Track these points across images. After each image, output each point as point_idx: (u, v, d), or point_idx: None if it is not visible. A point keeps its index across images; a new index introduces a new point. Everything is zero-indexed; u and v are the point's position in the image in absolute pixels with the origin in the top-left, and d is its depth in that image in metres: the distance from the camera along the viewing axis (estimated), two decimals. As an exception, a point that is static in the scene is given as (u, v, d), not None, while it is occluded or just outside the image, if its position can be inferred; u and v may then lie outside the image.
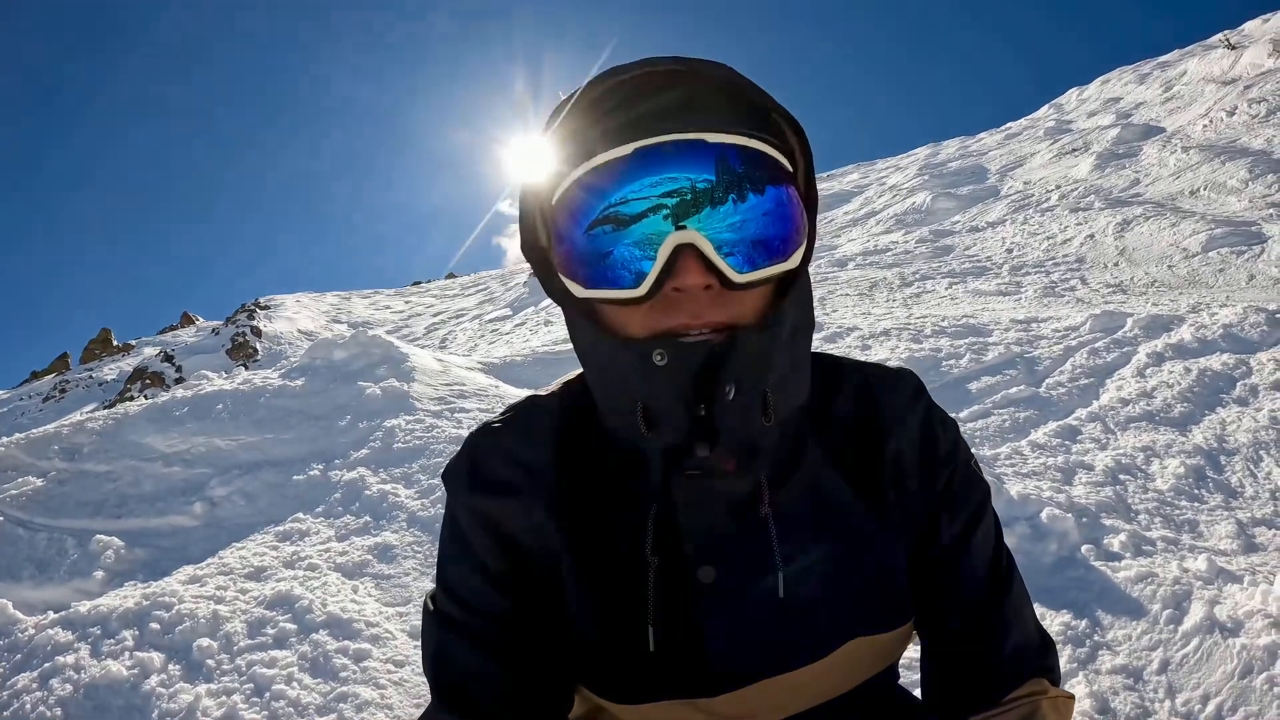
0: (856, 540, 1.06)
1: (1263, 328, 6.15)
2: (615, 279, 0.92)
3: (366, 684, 3.39)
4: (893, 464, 1.09)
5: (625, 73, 0.95)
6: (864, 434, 1.10)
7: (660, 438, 0.96)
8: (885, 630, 1.07)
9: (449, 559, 1.09)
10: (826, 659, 1.04)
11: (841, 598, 1.05)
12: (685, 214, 0.89)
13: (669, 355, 0.90)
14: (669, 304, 0.92)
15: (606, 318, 0.97)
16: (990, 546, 1.12)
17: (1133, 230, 11.84)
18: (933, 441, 1.11)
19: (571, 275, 0.97)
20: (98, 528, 5.17)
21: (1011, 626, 1.09)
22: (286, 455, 6.01)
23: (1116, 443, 4.77)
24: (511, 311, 21.30)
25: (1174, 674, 2.82)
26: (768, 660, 1.03)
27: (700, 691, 1.03)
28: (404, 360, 7.59)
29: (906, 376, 1.16)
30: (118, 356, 35.19)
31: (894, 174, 26.03)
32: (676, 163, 0.89)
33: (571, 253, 0.96)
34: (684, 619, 1.02)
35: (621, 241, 0.91)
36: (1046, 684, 1.08)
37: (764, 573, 1.02)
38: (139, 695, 3.37)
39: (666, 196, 0.89)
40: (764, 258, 0.92)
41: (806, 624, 1.03)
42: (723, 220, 0.90)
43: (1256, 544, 3.59)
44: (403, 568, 4.38)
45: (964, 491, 1.12)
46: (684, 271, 0.89)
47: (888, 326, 7.69)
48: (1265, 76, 19.79)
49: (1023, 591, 1.13)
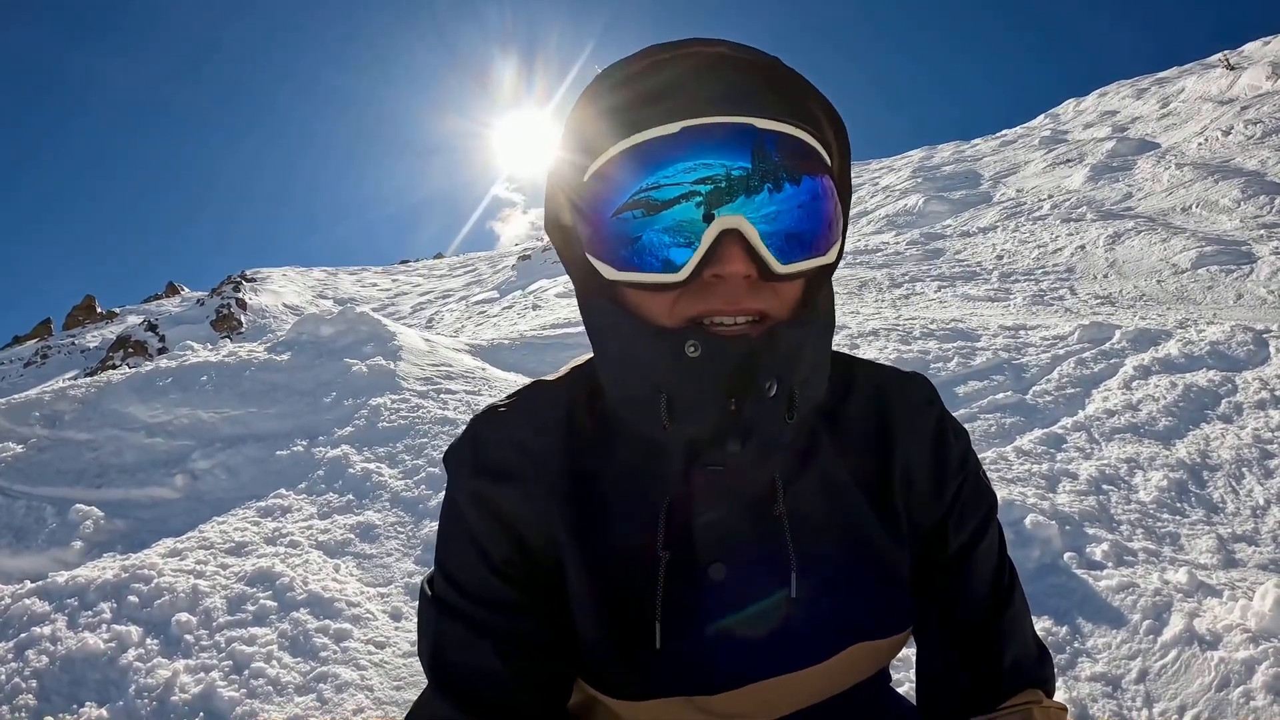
0: (865, 544, 1.05)
1: (1249, 346, 6.20)
2: (643, 264, 0.90)
3: (347, 664, 3.38)
4: (903, 470, 1.08)
5: (669, 51, 0.92)
6: (876, 438, 1.09)
7: (683, 431, 0.94)
8: (887, 635, 1.06)
9: (448, 543, 1.07)
10: (828, 662, 1.03)
11: (849, 601, 1.04)
12: (719, 202, 0.86)
13: (703, 347, 0.88)
14: (704, 290, 0.89)
15: (630, 300, 0.94)
16: (994, 558, 1.11)
17: (1124, 243, 11.90)
18: (944, 450, 1.10)
19: (599, 256, 0.93)
20: (77, 497, 5.13)
21: (1012, 638, 1.08)
22: (270, 430, 5.98)
23: (1101, 453, 4.80)
24: (499, 294, 21.27)
25: (1152, 684, 2.84)
26: (772, 661, 1.02)
27: (701, 690, 1.01)
28: (391, 339, 7.56)
29: (920, 382, 1.15)
30: (101, 324, 34.92)
31: (887, 175, 26.09)
32: (713, 148, 0.87)
33: (598, 234, 0.93)
34: (691, 616, 1.01)
35: (651, 227, 0.88)
36: (1041, 694, 1.07)
37: (775, 572, 1.00)
38: (116, 669, 3.35)
39: (700, 183, 0.87)
40: (799, 250, 0.90)
41: (813, 626, 1.02)
42: (757, 210, 0.87)
43: (1236, 559, 3.62)
44: (385, 548, 4.36)
45: (972, 502, 1.11)
46: (727, 259, 0.86)
47: (876, 326, 7.72)
48: (1263, 98, 19.92)
49: (1023, 603, 1.13)
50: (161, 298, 39.97)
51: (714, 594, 1.01)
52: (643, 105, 0.92)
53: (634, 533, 1.01)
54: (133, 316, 33.63)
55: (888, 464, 1.08)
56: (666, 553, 1.00)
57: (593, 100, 0.95)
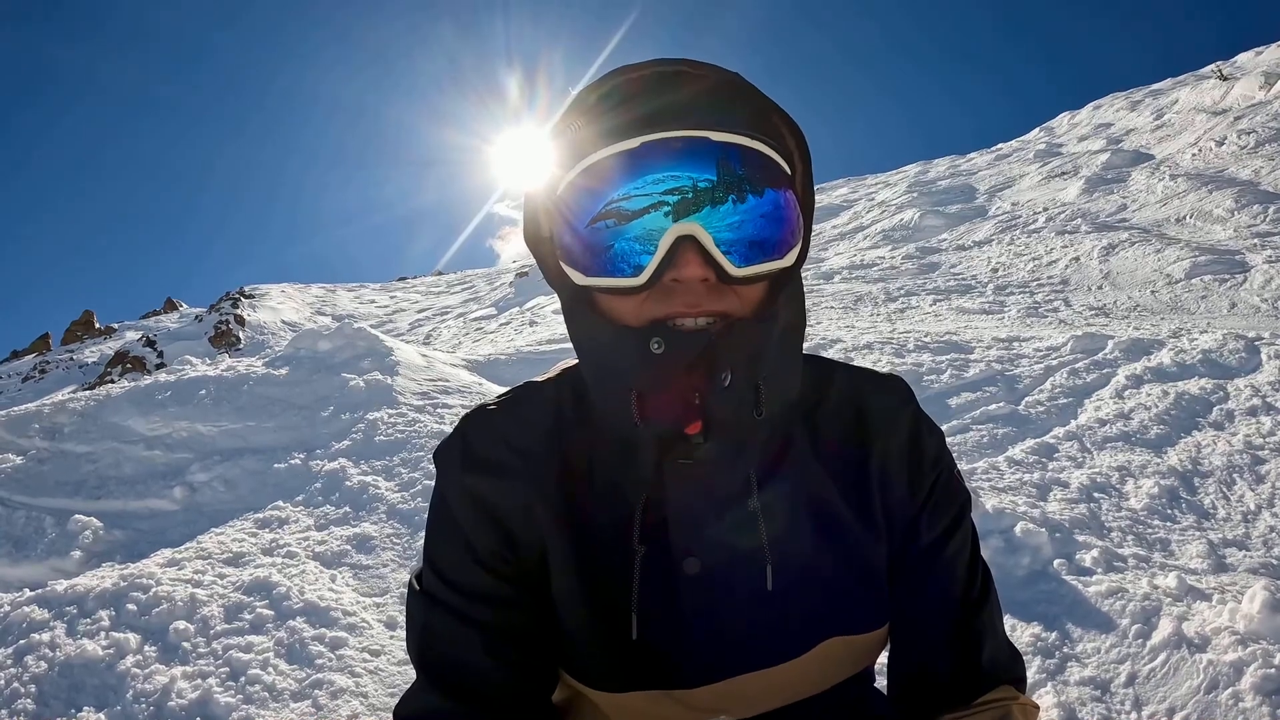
0: (841, 539, 1.08)
1: (1241, 354, 6.24)
2: (615, 271, 0.94)
3: (342, 671, 3.40)
4: (879, 467, 1.11)
5: (633, 71, 0.97)
6: (852, 436, 1.12)
7: (653, 426, 0.98)
8: (863, 631, 1.09)
9: (436, 537, 1.10)
10: (804, 657, 1.06)
11: (824, 595, 1.06)
12: (686, 212, 0.91)
13: (666, 343, 0.92)
14: (666, 293, 0.93)
15: (603, 306, 0.98)
16: (968, 553, 1.14)
17: (1118, 255, 11.94)
18: (919, 447, 1.13)
19: (572, 264, 0.98)
20: (76, 508, 5.16)
21: (986, 636, 1.11)
22: (268, 443, 6.01)
23: (1092, 461, 4.83)
24: (496, 310, 21.27)
25: (1141, 687, 2.86)
26: (748, 655, 1.05)
27: (679, 683, 1.04)
28: (388, 354, 7.59)
29: (896, 382, 1.18)
30: (99, 339, 34.88)
31: (883, 190, 26.14)
32: (680, 161, 0.92)
33: (573, 243, 0.97)
34: (668, 609, 1.03)
35: (623, 236, 0.93)
36: (1016, 692, 1.10)
37: (750, 566, 1.03)
38: (114, 675, 3.36)
39: (668, 194, 0.92)
40: (758, 254, 0.94)
41: (787, 620, 1.05)
42: (722, 219, 0.92)
43: (1227, 564, 3.65)
44: (381, 559, 4.39)
45: (945, 498, 1.14)
46: (684, 263, 0.91)
47: (871, 340, 7.74)
48: (1256, 108, 19.98)
49: (997, 601, 1.16)
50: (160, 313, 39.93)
51: (689, 587, 1.03)
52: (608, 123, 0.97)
53: (613, 527, 1.05)
54: (131, 332, 33.60)
55: (864, 462, 1.11)
56: (642, 547, 1.03)
57: (565, 120, 1.00)
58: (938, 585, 1.11)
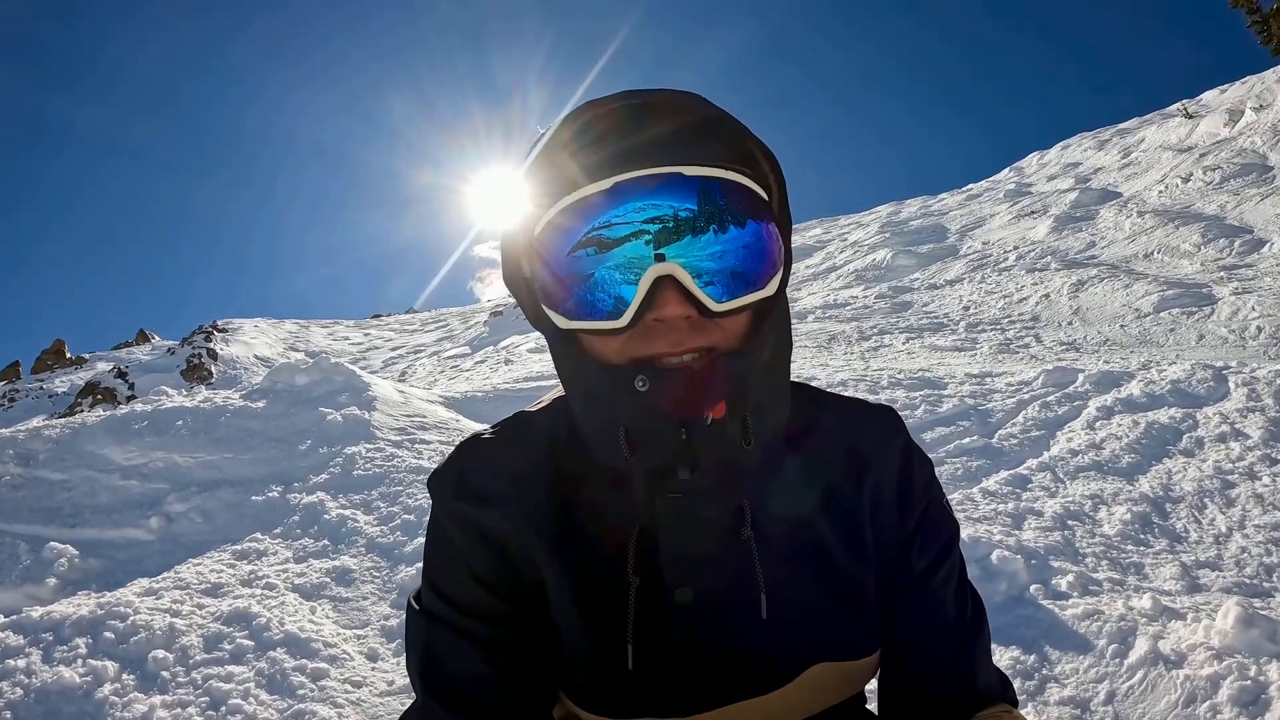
0: (832, 567, 1.10)
1: (1209, 383, 6.37)
2: (595, 303, 0.95)
3: (324, 702, 3.38)
4: (871, 496, 1.13)
5: (603, 105, 0.98)
6: (845, 465, 1.14)
7: (643, 461, 0.99)
8: (855, 658, 1.11)
9: (435, 559, 1.11)
10: (796, 684, 1.07)
11: (816, 623, 1.09)
12: (667, 241, 0.92)
13: (651, 381, 0.93)
14: (649, 333, 0.94)
15: (587, 344, 1.00)
16: (956, 581, 1.17)
17: (1087, 290, 12.15)
18: (909, 477, 1.16)
19: (553, 305, 0.99)
20: (51, 535, 5.10)
21: (981, 660, 1.14)
22: (245, 475, 5.97)
23: (1065, 491, 4.90)
24: (471, 349, 21.24)
25: (1120, 704, 2.90)
26: (743, 684, 1.06)
27: (675, 711, 1.05)
28: (366, 389, 7.60)
29: (887, 413, 1.21)
30: (70, 369, 34.37)
31: (856, 230, 26.42)
32: (656, 194, 0.92)
33: (554, 279, 0.98)
34: (662, 639, 1.05)
35: (604, 264, 0.94)
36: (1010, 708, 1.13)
37: (743, 595, 1.05)
38: (92, 702, 3.32)
39: (649, 223, 0.92)
40: (742, 288, 0.95)
41: (780, 647, 1.07)
42: (703, 250, 0.93)
43: (1200, 584, 3.71)
44: (361, 591, 4.37)
45: (934, 527, 1.16)
46: (663, 303, 0.92)
47: (845, 378, 7.80)
48: (1220, 145, 20.47)
49: (988, 628, 1.18)
50: (132, 345, 39.41)
51: (683, 617, 1.05)
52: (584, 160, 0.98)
53: (607, 558, 1.06)
54: (102, 363, 33.13)
55: (857, 490, 1.13)
56: (636, 578, 1.04)
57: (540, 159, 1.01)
58: (932, 612, 1.13)
